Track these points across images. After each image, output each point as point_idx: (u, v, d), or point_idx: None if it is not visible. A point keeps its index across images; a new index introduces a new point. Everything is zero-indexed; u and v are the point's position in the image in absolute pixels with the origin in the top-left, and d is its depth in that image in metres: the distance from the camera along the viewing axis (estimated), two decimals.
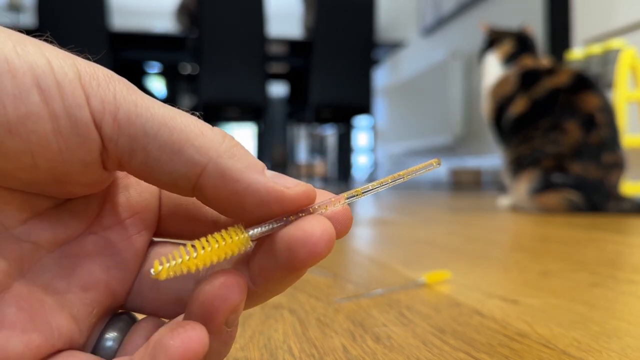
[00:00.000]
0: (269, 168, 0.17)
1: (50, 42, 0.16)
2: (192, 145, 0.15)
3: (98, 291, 0.17)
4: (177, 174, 0.15)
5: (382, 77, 5.36)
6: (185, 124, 0.15)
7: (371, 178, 3.21)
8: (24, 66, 0.14)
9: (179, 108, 0.16)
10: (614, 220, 1.06)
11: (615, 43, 1.72)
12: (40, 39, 0.15)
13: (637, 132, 1.81)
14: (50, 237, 0.17)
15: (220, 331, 0.16)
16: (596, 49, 1.77)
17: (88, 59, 0.16)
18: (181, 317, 0.17)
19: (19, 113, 0.14)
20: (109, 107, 0.15)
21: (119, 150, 0.15)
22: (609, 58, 1.71)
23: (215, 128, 0.16)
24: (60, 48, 0.16)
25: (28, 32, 0.15)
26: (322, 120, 3.41)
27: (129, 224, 0.19)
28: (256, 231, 0.16)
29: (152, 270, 0.15)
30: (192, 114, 0.17)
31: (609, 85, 1.71)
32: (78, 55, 0.16)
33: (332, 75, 2.89)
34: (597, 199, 1.24)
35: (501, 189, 1.70)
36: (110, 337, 0.18)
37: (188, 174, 0.15)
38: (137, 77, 3.38)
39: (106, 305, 0.18)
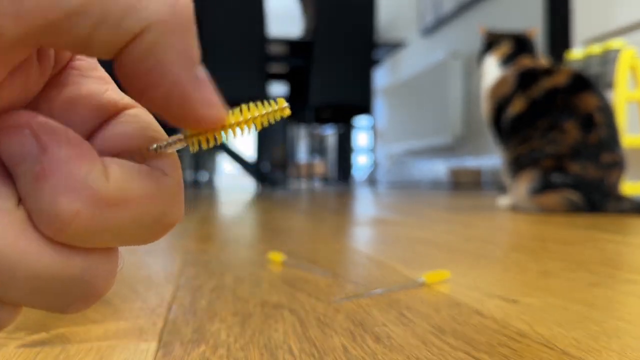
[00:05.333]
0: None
1: None
2: None
3: None
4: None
5: (381, 77, 5.36)
6: None
7: (371, 178, 3.22)
8: None
9: None
10: (613, 220, 1.06)
11: (615, 43, 1.72)
12: None
13: (637, 132, 1.81)
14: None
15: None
16: (596, 49, 1.77)
17: None
18: None
19: None
20: None
21: None
22: (608, 58, 1.72)
23: None
24: None
25: None
26: (322, 120, 3.42)
27: None
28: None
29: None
30: None
31: (609, 85, 1.71)
32: None
33: (332, 75, 2.90)
34: (597, 198, 1.25)
35: (501, 189, 1.70)
36: None
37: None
38: None
39: None
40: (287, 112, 0.14)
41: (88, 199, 0.12)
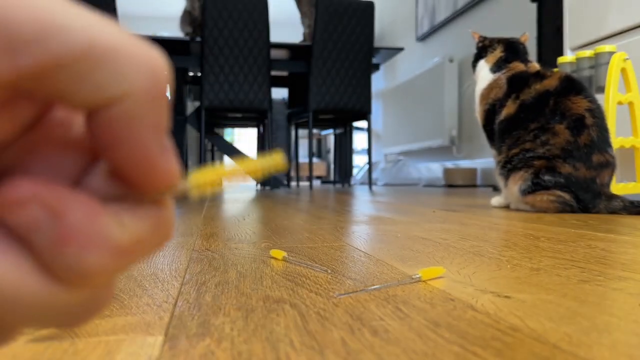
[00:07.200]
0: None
1: None
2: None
3: None
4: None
5: (378, 81, 5.38)
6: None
7: (369, 178, 3.23)
8: None
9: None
10: (604, 219, 1.08)
11: (606, 47, 1.73)
12: None
13: (627, 134, 1.83)
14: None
15: None
16: (587, 52, 1.79)
17: None
18: None
19: None
20: None
21: None
22: (600, 61, 1.73)
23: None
24: None
25: None
26: (321, 124, 3.43)
27: None
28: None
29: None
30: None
31: (601, 88, 1.72)
32: None
33: (331, 80, 2.92)
34: (588, 198, 1.26)
35: (496, 189, 1.72)
36: None
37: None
38: None
39: None
40: (284, 167, 0.15)
41: (111, 252, 0.12)
